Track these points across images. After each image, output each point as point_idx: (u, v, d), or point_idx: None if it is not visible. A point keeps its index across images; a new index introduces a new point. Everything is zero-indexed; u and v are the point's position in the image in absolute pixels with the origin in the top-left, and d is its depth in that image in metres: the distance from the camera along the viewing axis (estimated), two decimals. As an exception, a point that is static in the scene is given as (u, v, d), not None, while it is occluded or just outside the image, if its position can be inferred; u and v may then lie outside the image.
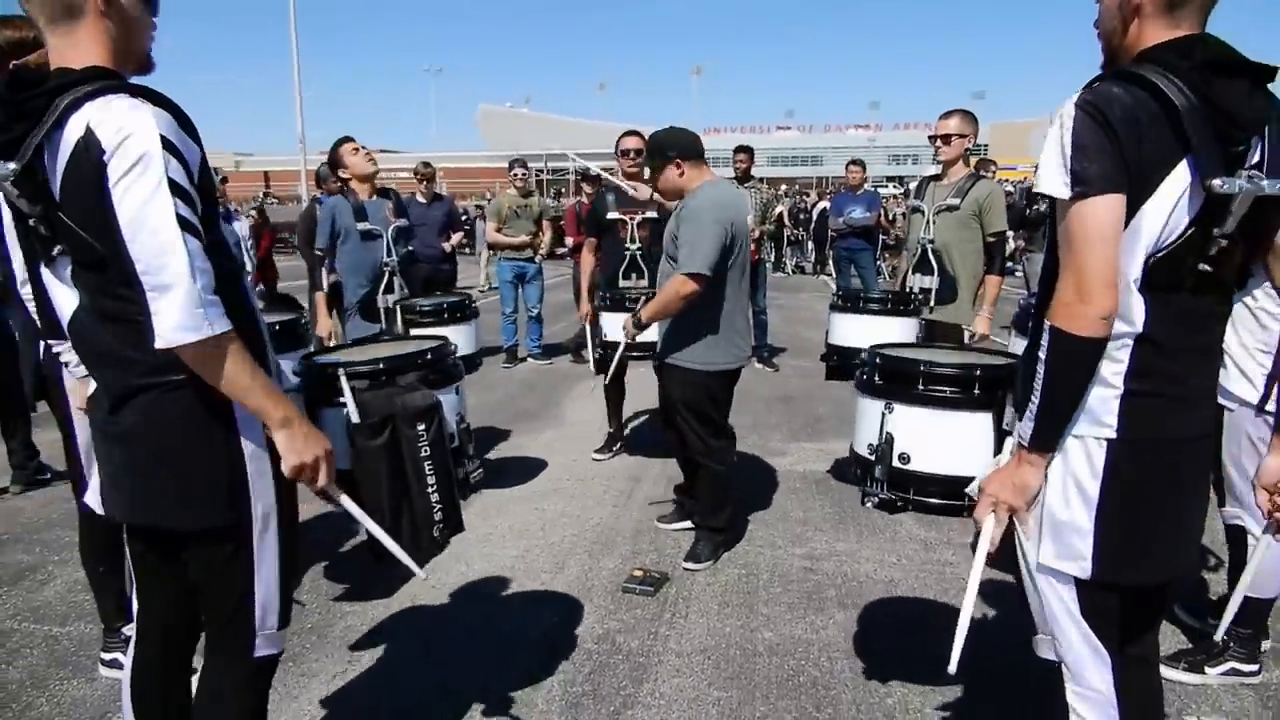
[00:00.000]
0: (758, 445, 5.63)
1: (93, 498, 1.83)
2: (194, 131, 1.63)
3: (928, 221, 4.56)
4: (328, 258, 4.86)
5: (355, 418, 2.09)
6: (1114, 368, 1.57)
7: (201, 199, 1.59)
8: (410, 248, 4.96)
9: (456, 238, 8.24)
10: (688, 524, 4.11)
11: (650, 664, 2.99)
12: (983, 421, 2.34)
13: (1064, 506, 1.64)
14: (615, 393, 5.39)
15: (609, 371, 4.63)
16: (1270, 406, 2.56)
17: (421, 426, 2.12)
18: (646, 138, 4.62)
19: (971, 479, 1.84)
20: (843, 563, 3.82)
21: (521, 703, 2.77)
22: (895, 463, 2.33)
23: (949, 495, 2.33)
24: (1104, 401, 1.58)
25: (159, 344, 1.52)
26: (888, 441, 2.35)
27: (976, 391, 2.37)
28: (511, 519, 4.34)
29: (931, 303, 4.52)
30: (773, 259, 17.97)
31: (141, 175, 1.49)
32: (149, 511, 1.74)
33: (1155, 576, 1.71)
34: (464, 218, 14.06)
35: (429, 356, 2.39)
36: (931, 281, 4.52)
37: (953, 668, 1.70)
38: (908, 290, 4.62)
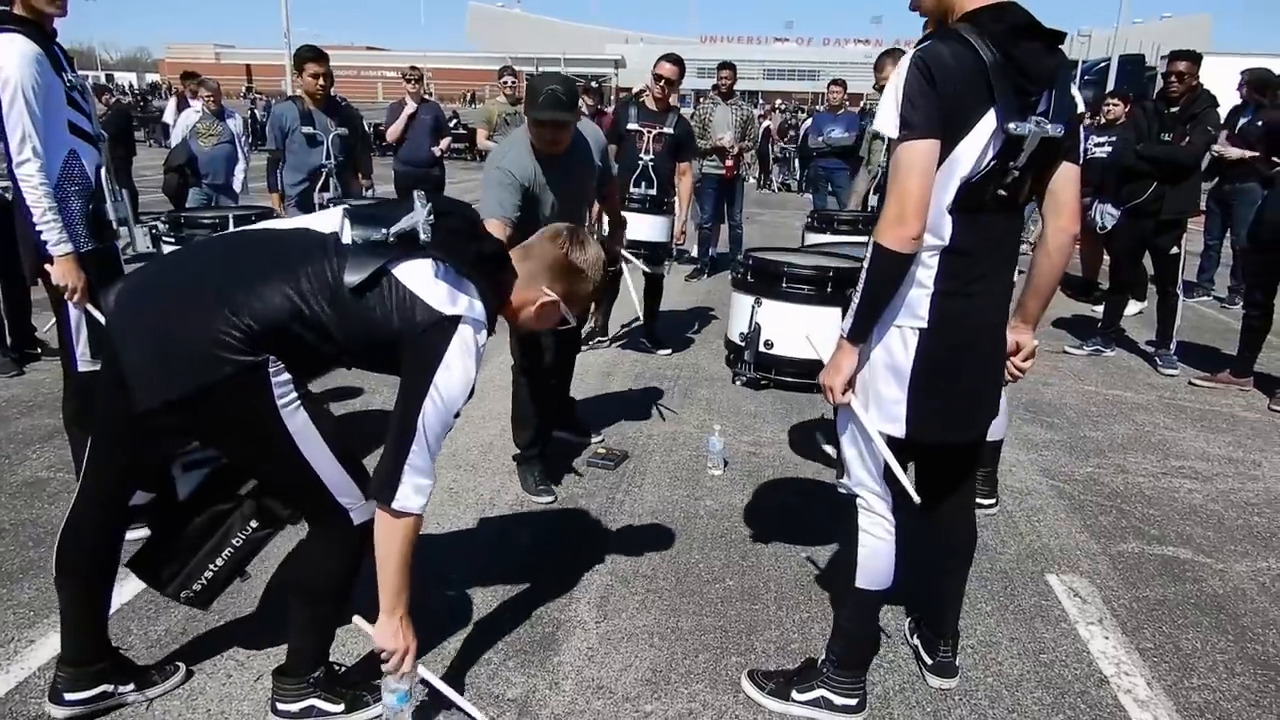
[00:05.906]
0: (721, 350, 6.07)
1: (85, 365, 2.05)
2: None
3: (887, 146, 4.91)
4: (280, 159, 5.45)
5: None
6: (927, 273, 1.99)
7: None
8: (340, 156, 5.37)
9: (445, 142, 8.44)
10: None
11: (605, 523, 3.49)
12: (834, 315, 2.75)
13: (885, 383, 2.08)
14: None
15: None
16: None
17: None
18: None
19: (823, 363, 2.20)
20: (783, 449, 4.32)
21: (488, 551, 3.27)
22: (761, 348, 2.76)
23: (803, 375, 2.81)
24: (919, 299, 2.00)
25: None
26: (755, 330, 2.76)
27: (829, 290, 2.81)
28: (492, 404, 4.79)
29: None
30: (758, 176, 18.15)
31: None
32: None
33: (958, 436, 2.19)
34: (452, 121, 14.04)
35: None
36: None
37: (916, 499, 2.18)
38: (868, 210, 4.99)
